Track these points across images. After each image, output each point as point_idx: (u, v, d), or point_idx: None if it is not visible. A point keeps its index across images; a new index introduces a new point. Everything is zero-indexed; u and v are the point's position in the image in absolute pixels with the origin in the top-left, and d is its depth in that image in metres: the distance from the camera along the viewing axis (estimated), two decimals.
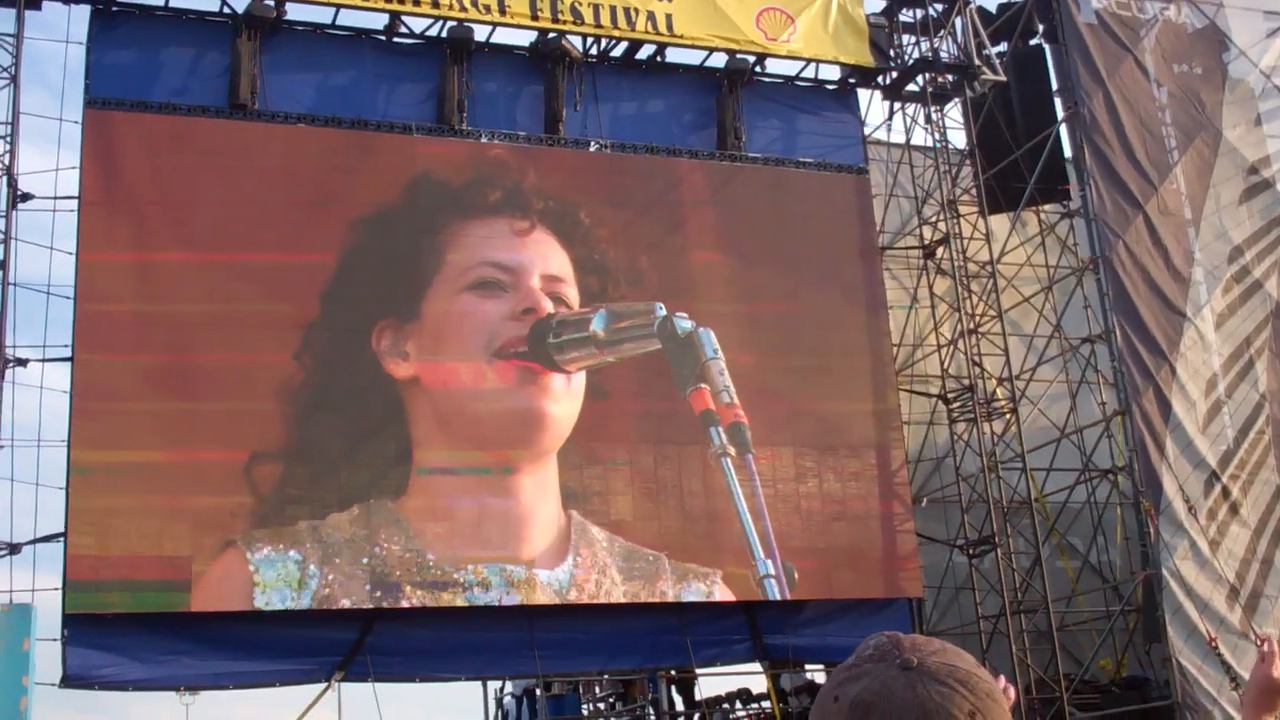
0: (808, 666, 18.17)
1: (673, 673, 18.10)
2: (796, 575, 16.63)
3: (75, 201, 15.56)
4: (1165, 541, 17.78)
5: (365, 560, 15.25)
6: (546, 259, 16.81)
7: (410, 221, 16.78)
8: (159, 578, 14.67)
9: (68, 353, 15.22)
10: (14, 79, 15.67)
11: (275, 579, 14.91)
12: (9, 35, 15.78)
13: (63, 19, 16.23)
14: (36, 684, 14.19)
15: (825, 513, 17.45)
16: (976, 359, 19.00)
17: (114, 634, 14.56)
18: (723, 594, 16.61)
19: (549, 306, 16.44)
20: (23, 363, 15.25)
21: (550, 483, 16.29)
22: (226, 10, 16.69)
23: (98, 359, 15.14)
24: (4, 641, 14.12)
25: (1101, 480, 19.19)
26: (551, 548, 16.06)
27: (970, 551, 18.56)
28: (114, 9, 16.32)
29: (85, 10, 16.21)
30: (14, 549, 14.86)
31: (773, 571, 16.25)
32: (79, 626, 14.41)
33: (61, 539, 14.68)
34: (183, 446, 15.13)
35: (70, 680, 14.39)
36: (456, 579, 15.48)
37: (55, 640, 14.37)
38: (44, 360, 15.36)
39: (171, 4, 16.52)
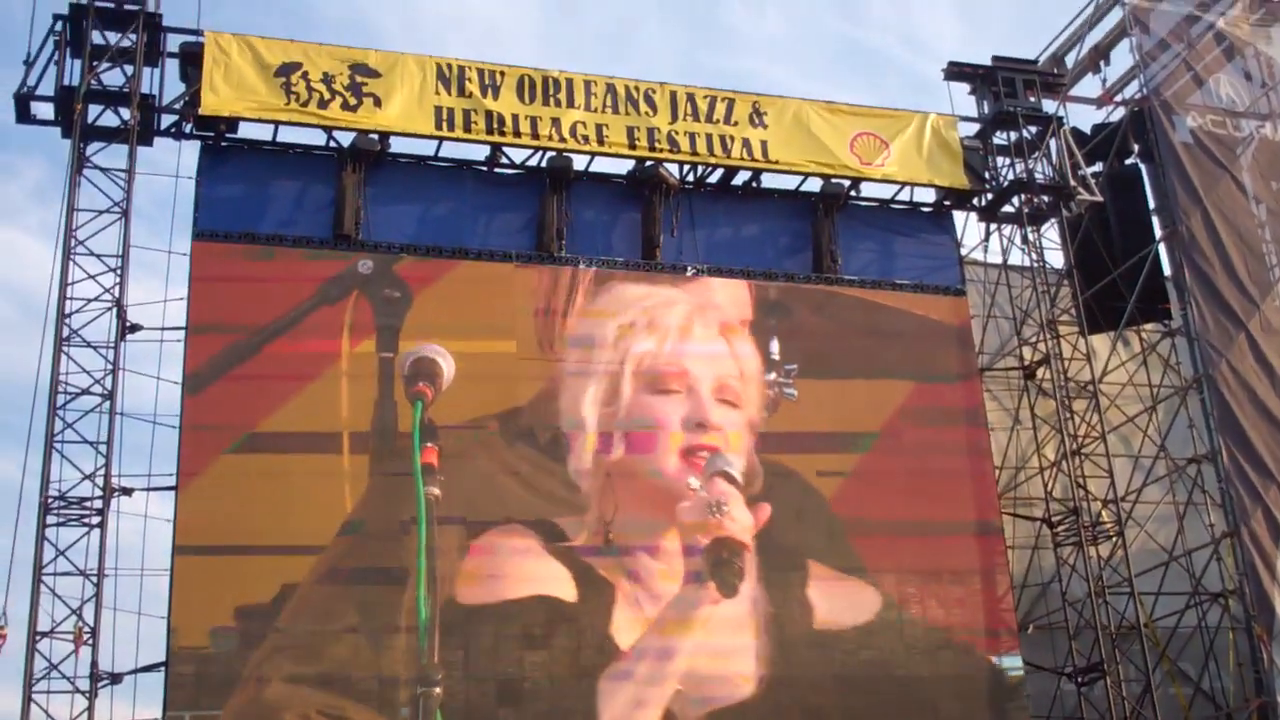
0: None
1: None
2: None
3: (182, 332, 14.74)
4: (1279, 667, 16.22)
5: None
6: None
7: None
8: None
9: (172, 482, 14.23)
10: (125, 213, 14.99)
11: None
12: (120, 170, 15.05)
13: (172, 154, 15.57)
14: None
15: (929, 641, 16.08)
16: (1081, 481, 17.44)
17: None
18: None
19: None
20: (128, 492, 14.36)
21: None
22: (332, 145, 15.89)
23: (203, 489, 14.12)
24: None
25: (1212, 604, 17.52)
26: None
27: (1079, 680, 17.03)
28: (223, 144, 15.55)
29: (195, 145, 15.57)
30: (115, 679, 13.88)
31: None
32: None
33: (163, 669, 13.70)
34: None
35: None
36: None
37: None
38: (148, 490, 14.43)
39: (279, 139, 15.81)
